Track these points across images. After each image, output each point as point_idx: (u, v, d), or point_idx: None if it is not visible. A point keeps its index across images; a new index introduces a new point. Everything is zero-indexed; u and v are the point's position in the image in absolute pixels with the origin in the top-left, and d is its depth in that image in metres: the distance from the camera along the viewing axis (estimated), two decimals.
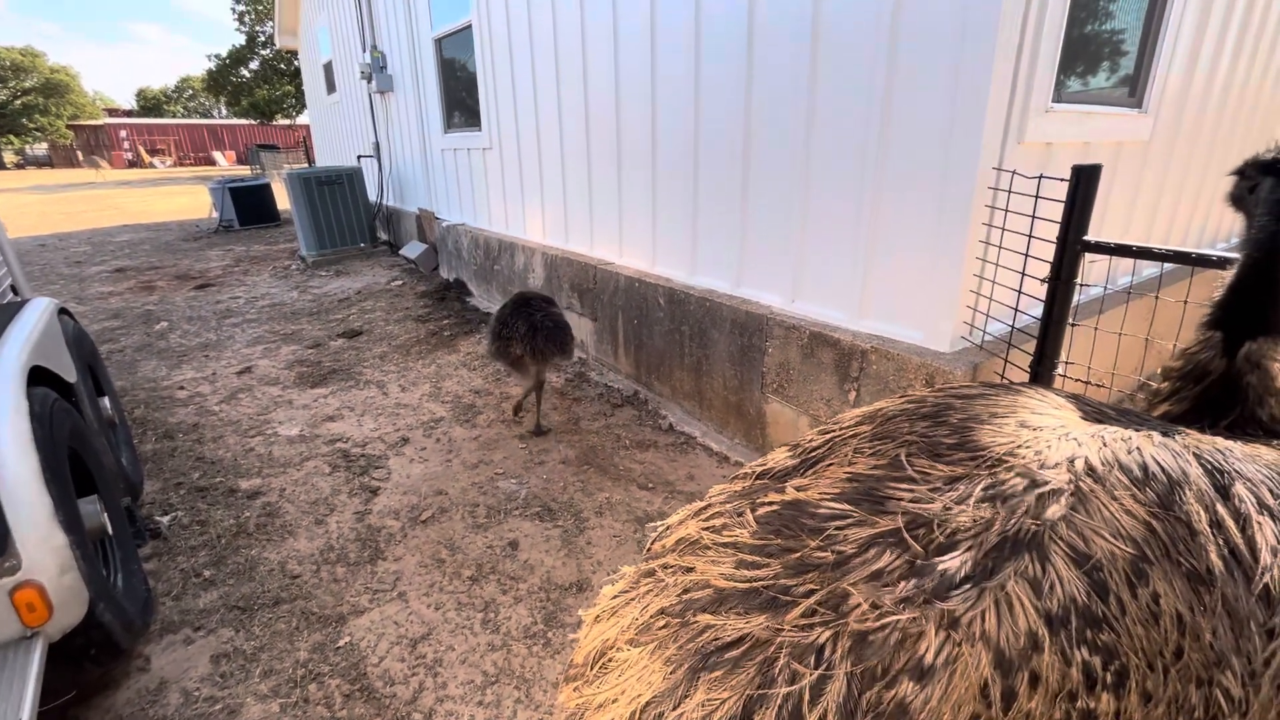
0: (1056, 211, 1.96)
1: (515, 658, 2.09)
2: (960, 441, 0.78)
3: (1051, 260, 1.99)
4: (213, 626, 2.26)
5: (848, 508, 0.74)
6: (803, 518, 0.75)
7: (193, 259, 9.18)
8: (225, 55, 33.36)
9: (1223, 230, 4.62)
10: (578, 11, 4.07)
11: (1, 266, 2.98)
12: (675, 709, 0.67)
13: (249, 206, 11.96)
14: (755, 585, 0.70)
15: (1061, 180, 1.94)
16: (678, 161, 3.53)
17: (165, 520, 2.85)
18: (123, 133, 45.77)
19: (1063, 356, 2.07)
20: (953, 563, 0.65)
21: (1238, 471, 0.76)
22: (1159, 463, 0.73)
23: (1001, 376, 2.32)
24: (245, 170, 30.40)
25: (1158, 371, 1.33)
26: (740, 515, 0.80)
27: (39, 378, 2.06)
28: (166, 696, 1.99)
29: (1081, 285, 2.01)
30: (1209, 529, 0.68)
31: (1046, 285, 2.02)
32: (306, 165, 18.92)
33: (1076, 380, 2.13)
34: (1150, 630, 0.61)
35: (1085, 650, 0.61)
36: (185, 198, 19.05)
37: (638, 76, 3.68)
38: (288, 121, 38.99)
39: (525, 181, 5.31)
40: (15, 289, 3.08)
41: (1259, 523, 0.71)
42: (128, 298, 6.97)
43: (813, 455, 0.88)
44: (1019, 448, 0.75)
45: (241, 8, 32.19)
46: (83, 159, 40.90)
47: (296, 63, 18.65)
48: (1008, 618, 0.61)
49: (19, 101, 46.78)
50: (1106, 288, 2.87)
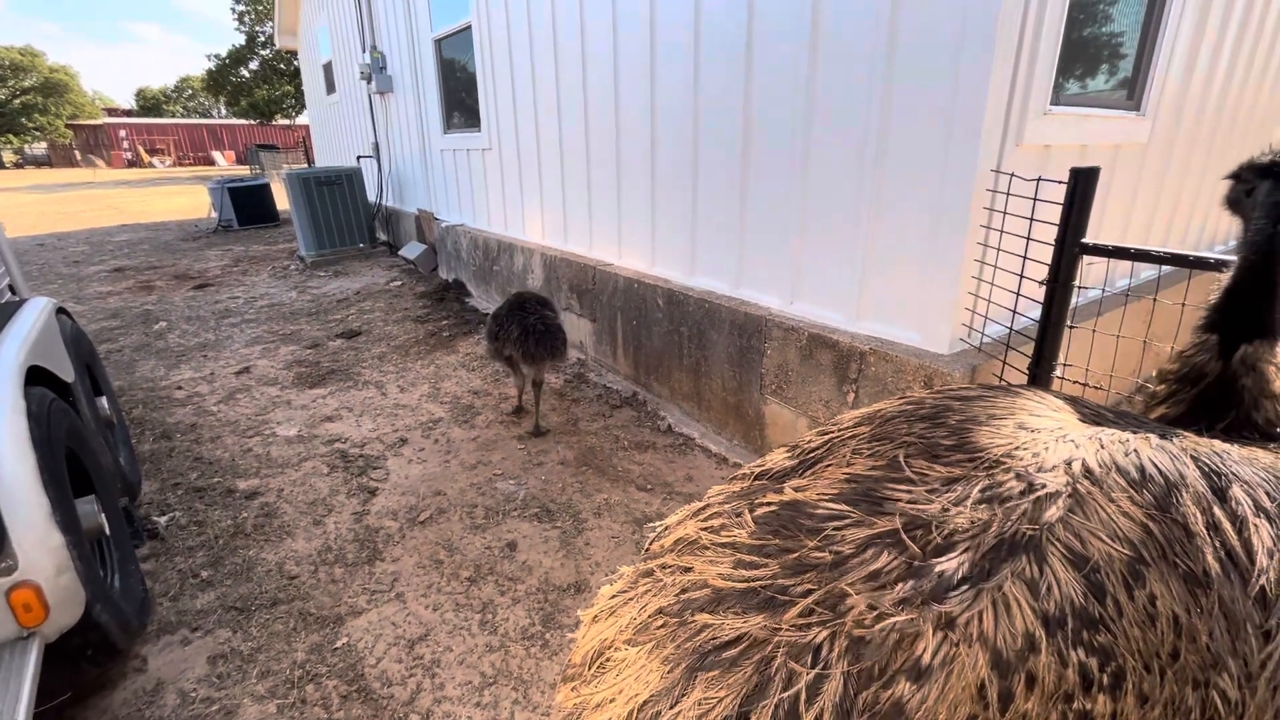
0: (1055, 214, 1.96)
1: (513, 659, 2.09)
2: (958, 443, 0.78)
3: (1049, 262, 2.00)
4: (210, 627, 2.26)
5: (846, 508, 0.74)
6: (801, 518, 0.75)
7: (191, 259, 9.18)
8: (225, 55, 33.38)
9: (1220, 233, 4.63)
10: (577, 13, 4.08)
11: None
12: (672, 708, 0.67)
13: (248, 206, 11.96)
14: (753, 585, 0.70)
15: (1060, 183, 1.95)
16: (677, 162, 3.54)
17: (163, 520, 2.84)
18: (122, 132, 45.70)
19: (1061, 358, 2.07)
20: (950, 564, 0.65)
21: (1235, 474, 0.76)
22: (1156, 465, 0.73)
23: (1000, 378, 2.33)
24: (244, 170, 30.38)
25: (1154, 374, 1.33)
26: (738, 516, 0.80)
27: (36, 377, 2.06)
28: (163, 697, 1.99)
29: (1079, 287, 2.01)
30: (1206, 531, 0.68)
31: (1045, 287, 2.03)
32: (306, 165, 18.91)
33: (1074, 382, 2.13)
34: (1147, 632, 0.62)
35: (1082, 651, 0.61)
36: (184, 197, 19.04)
37: (637, 77, 3.68)
38: (287, 122, 39.01)
39: (524, 182, 5.31)
40: (13, 288, 3.07)
41: (1255, 525, 0.71)
42: (126, 297, 6.96)
43: (811, 456, 0.88)
44: (1017, 449, 0.75)
45: (241, 8, 32.21)
46: (80, 158, 40.87)
47: (296, 63, 18.65)
48: (1005, 619, 0.61)
49: (18, 101, 46.74)
50: (1104, 290, 2.88)
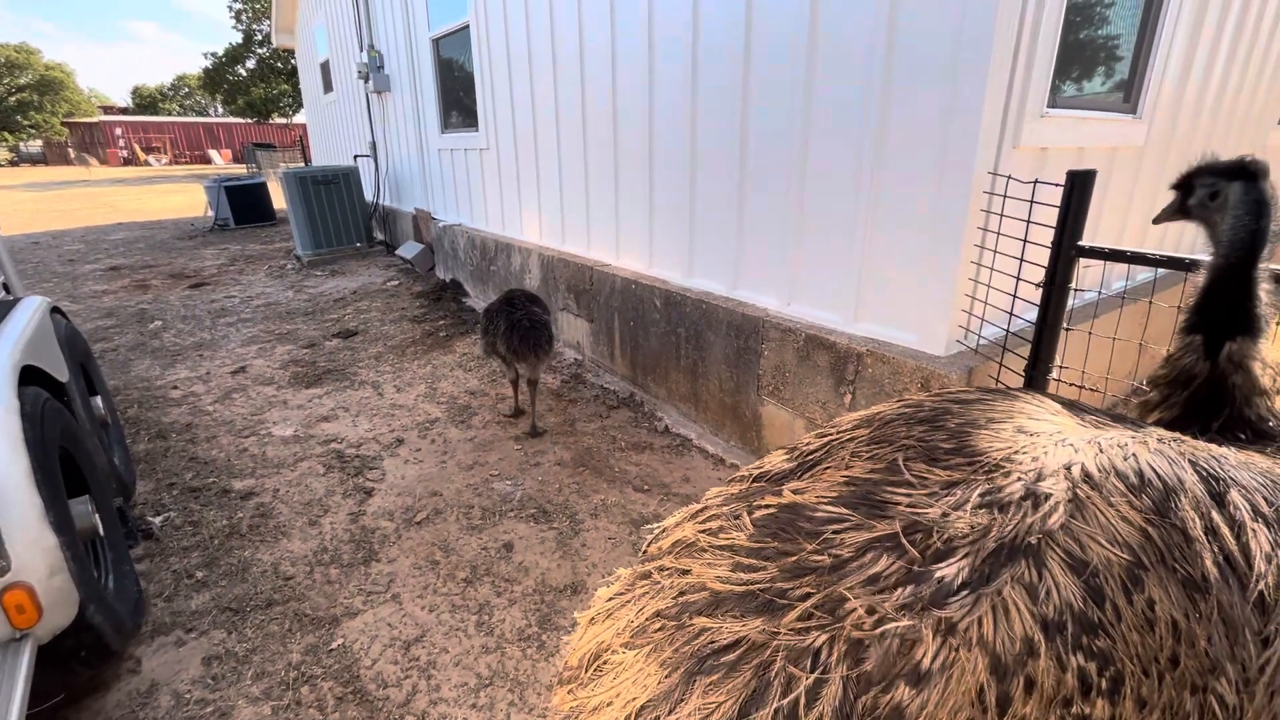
0: (1051, 216, 1.97)
1: (509, 660, 2.08)
2: (957, 446, 0.77)
3: (1046, 265, 2.00)
4: (205, 628, 2.24)
5: (845, 511, 0.73)
6: (800, 521, 0.75)
7: (187, 258, 9.15)
8: (222, 53, 33.27)
9: None
10: (575, 13, 4.07)
11: None
12: (670, 713, 0.67)
13: (245, 205, 11.92)
14: (751, 588, 0.70)
15: (1056, 185, 1.95)
16: (675, 162, 3.53)
17: (157, 521, 2.83)
18: (118, 130, 45.51)
19: (1057, 361, 2.07)
20: (950, 569, 0.64)
21: (1233, 479, 0.77)
22: (1155, 469, 0.73)
23: (996, 380, 2.33)
24: (241, 169, 30.31)
25: (1144, 382, 1.34)
26: (737, 518, 0.80)
27: (30, 377, 2.05)
28: (157, 699, 1.98)
29: (1076, 290, 2.01)
30: (1204, 536, 0.68)
31: (1041, 289, 2.03)
32: (303, 164, 18.86)
33: (1071, 384, 2.14)
34: (1146, 637, 0.61)
35: (1081, 656, 0.61)
36: (180, 196, 18.98)
37: (635, 78, 3.68)
38: (284, 120, 38.91)
39: (522, 182, 5.30)
40: (7, 287, 3.06)
41: (1254, 530, 0.71)
42: (121, 296, 6.93)
43: (810, 459, 0.88)
44: (1016, 453, 0.75)
45: (238, 6, 32.11)
46: (74, 157, 40.71)
47: (293, 61, 18.61)
48: (1004, 623, 0.61)
49: (13, 98, 46.59)
50: (1101, 292, 2.88)
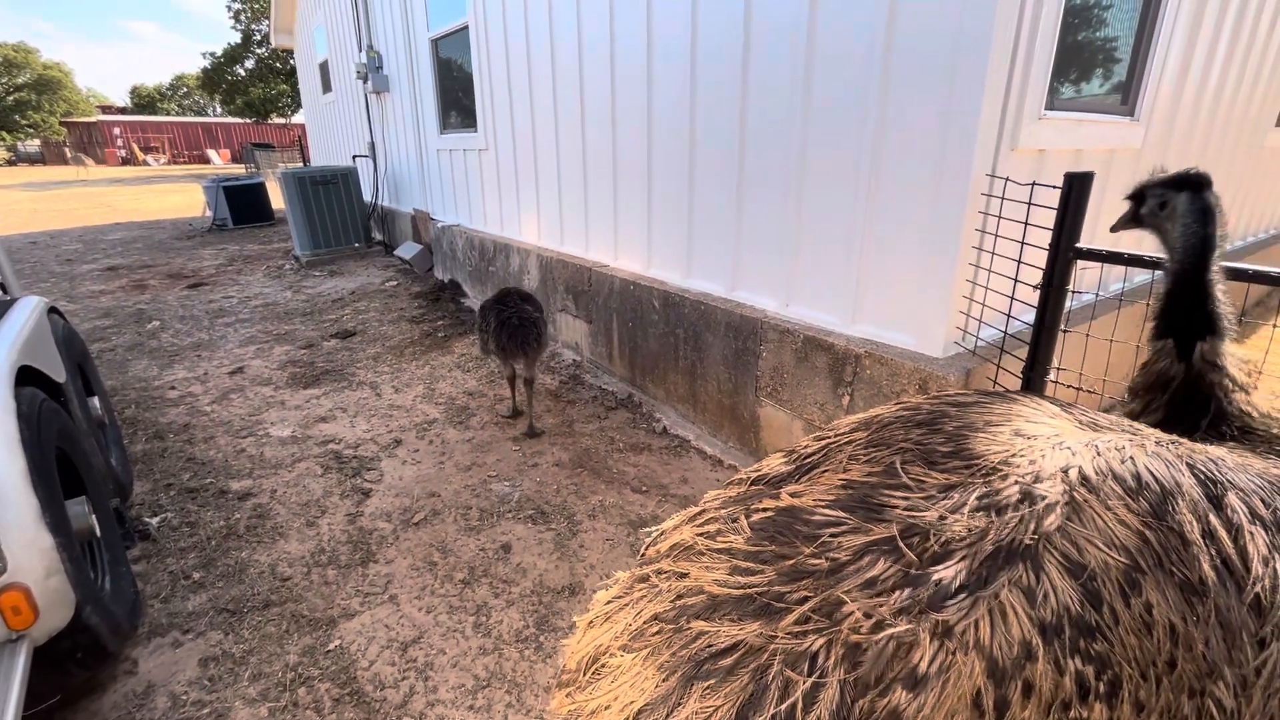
0: (1049, 218, 1.97)
1: (507, 661, 2.08)
2: (955, 449, 0.77)
3: (1044, 267, 2.00)
4: (201, 629, 2.24)
5: (842, 515, 0.73)
6: (797, 524, 0.75)
7: (186, 258, 9.13)
8: (220, 53, 33.26)
9: None
10: (574, 14, 4.08)
11: None
12: (668, 717, 0.67)
13: (243, 205, 11.90)
14: (749, 592, 0.70)
15: (1054, 188, 1.95)
16: (673, 163, 3.54)
17: (154, 522, 2.82)
18: (116, 130, 45.42)
19: (1055, 363, 2.07)
20: (947, 572, 0.64)
21: (1230, 481, 0.77)
22: (1152, 472, 0.73)
23: (994, 382, 2.33)
24: (240, 169, 30.25)
25: (1124, 394, 1.37)
26: (735, 521, 0.80)
27: (27, 377, 2.04)
28: (154, 700, 1.97)
29: (1074, 292, 2.01)
30: (1201, 539, 0.68)
31: (1039, 291, 2.03)
32: (301, 164, 18.85)
33: (1068, 386, 2.14)
34: (1143, 640, 0.61)
35: (1079, 660, 0.61)
36: (179, 196, 18.95)
37: (634, 80, 3.68)
38: (283, 120, 38.91)
39: (521, 183, 5.30)
40: (4, 287, 3.05)
41: (1251, 533, 0.71)
42: (119, 296, 6.92)
43: (808, 461, 0.87)
44: (1013, 456, 0.75)
45: (237, 6, 32.11)
46: (69, 156, 40.60)
47: (292, 61, 18.60)
48: (1001, 627, 0.61)
49: (11, 98, 46.54)
50: (1098, 294, 2.88)
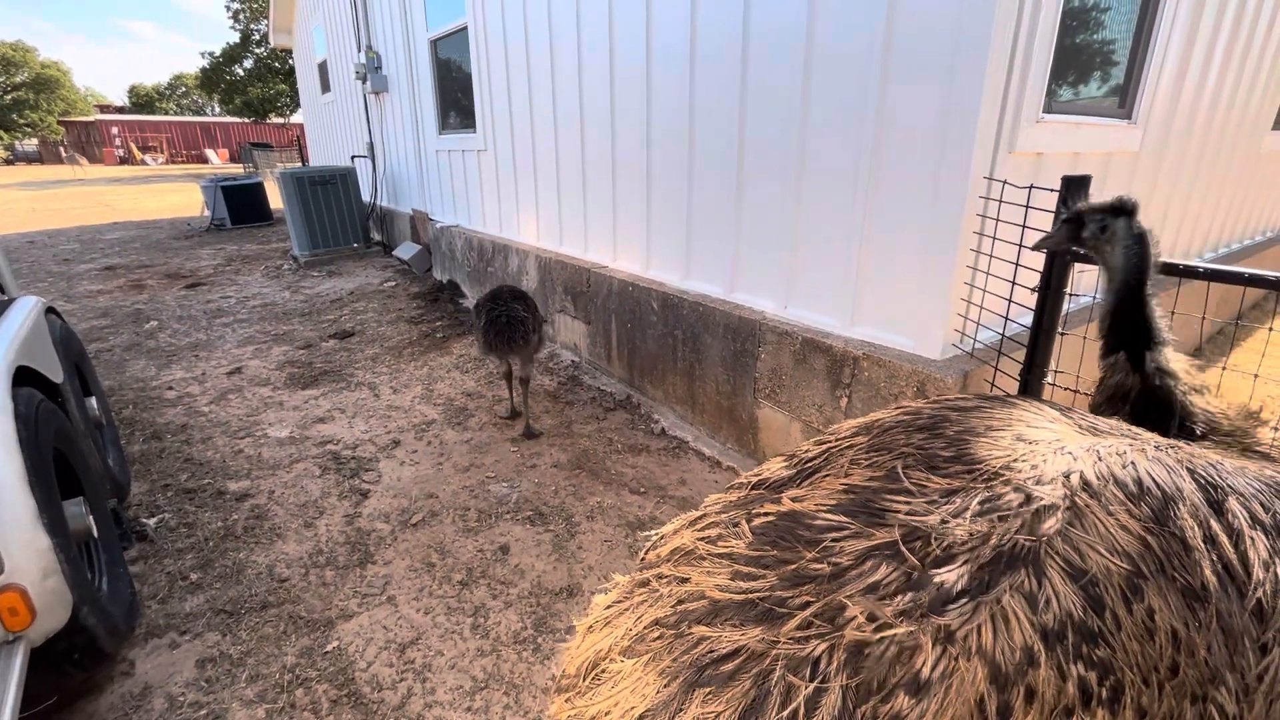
0: (1047, 221, 1.96)
1: (504, 663, 2.08)
2: (957, 454, 0.77)
3: (1041, 270, 2.00)
4: (199, 630, 2.23)
5: (844, 519, 0.73)
6: (799, 529, 0.75)
7: (183, 258, 9.11)
8: (219, 53, 33.20)
9: (1210, 241, 4.67)
10: (573, 14, 4.08)
11: None
12: None
13: (241, 205, 11.88)
14: (751, 597, 0.70)
15: (1052, 191, 1.96)
16: (672, 165, 3.54)
17: (152, 522, 2.81)
18: (114, 129, 45.31)
19: (1052, 365, 2.08)
20: (949, 576, 0.64)
21: (1230, 486, 0.77)
22: (1153, 478, 0.73)
23: (992, 384, 2.33)
24: (238, 169, 30.18)
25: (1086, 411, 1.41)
26: (736, 526, 0.79)
27: (24, 378, 2.04)
28: (150, 702, 1.96)
29: (1071, 294, 2.02)
30: (1203, 544, 0.68)
31: (1036, 294, 2.03)
32: (300, 164, 18.83)
33: (1065, 389, 2.14)
34: (1146, 646, 0.61)
35: (1081, 665, 0.61)
36: (177, 195, 18.91)
37: (633, 79, 3.68)
38: (281, 120, 38.84)
39: (519, 184, 5.30)
40: (2, 287, 3.04)
41: (1251, 538, 0.71)
42: (117, 296, 6.90)
43: (809, 466, 0.87)
44: (1015, 461, 0.75)
45: (236, 6, 32.04)
46: (64, 155, 40.47)
47: (291, 61, 18.59)
48: (1004, 632, 0.61)
49: (9, 97, 46.43)
50: (1095, 297, 2.87)
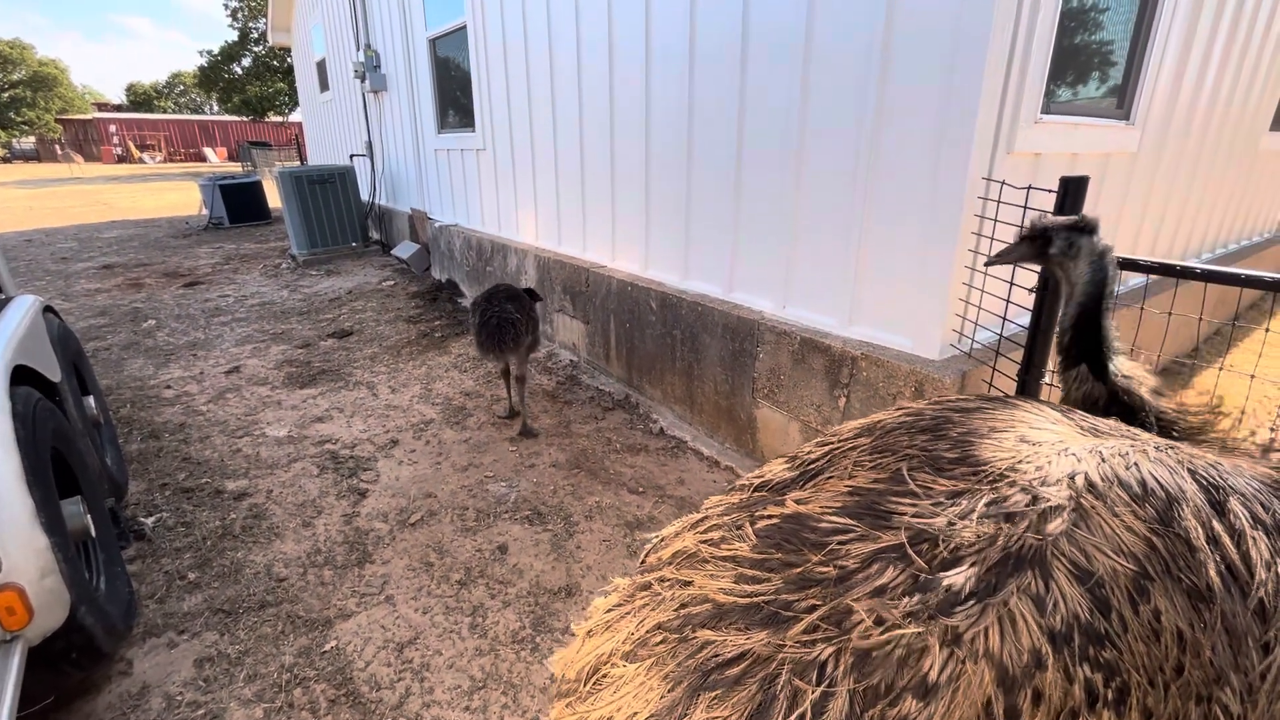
0: None
1: (503, 662, 2.07)
2: (961, 456, 0.77)
3: (1039, 270, 2.00)
4: (197, 630, 2.23)
5: (850, 522, 0.73)
6: (804, 532, 0.74)
7: (182, 256, 9.09)
8: (217, 51, 33.10)
9: (1207, 241, 4.68)
10: (572, 14, 4.07)
11: None
12: None
13: (240, 204, 11.86)
14: (756, 600, 0.70)
15: (1050, 191, 1.96)
16: (671, 164, 3.53)
17: (150, 522, 2.81)
18: (112, 127, 45.12)
19: (1050, 365, 2.08)
20: (957, 578, 0.64)
21: (1231, 486, 0.77)
22: (1157, 479, 0.73)
23: (990, 385, 2.33)
24: (236, 167, 30.09)
25: None
26: (739, 528, 0.79)
27: (22, 377, 2.03)
28: (148, 701, 1.96)
29: None
30: (1207, 545, 0.68)
31: (1034, 295, 2.03)
32: (298, 163, 18.80)
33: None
34: (1152, 647, 0.61)
35: (1088, 667, 0.61)
36: (175, 194, 18.87)
37: (632, 79, 3.68)
38: (280, 119, 38.73)
39: (518, 183, 5.29)
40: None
41: (1254, 538, 0.71)
42: (115, 295, 6.88)
43: (811, 468, 0.87)
44: (1020, 463, 0.75)
45: (234, 3, 31.93)
46: (60, 154, 40.34)
47: (289, 60, 18.55)
48: (1011, 635, 0.61)
49: (6, 94, 46.24)
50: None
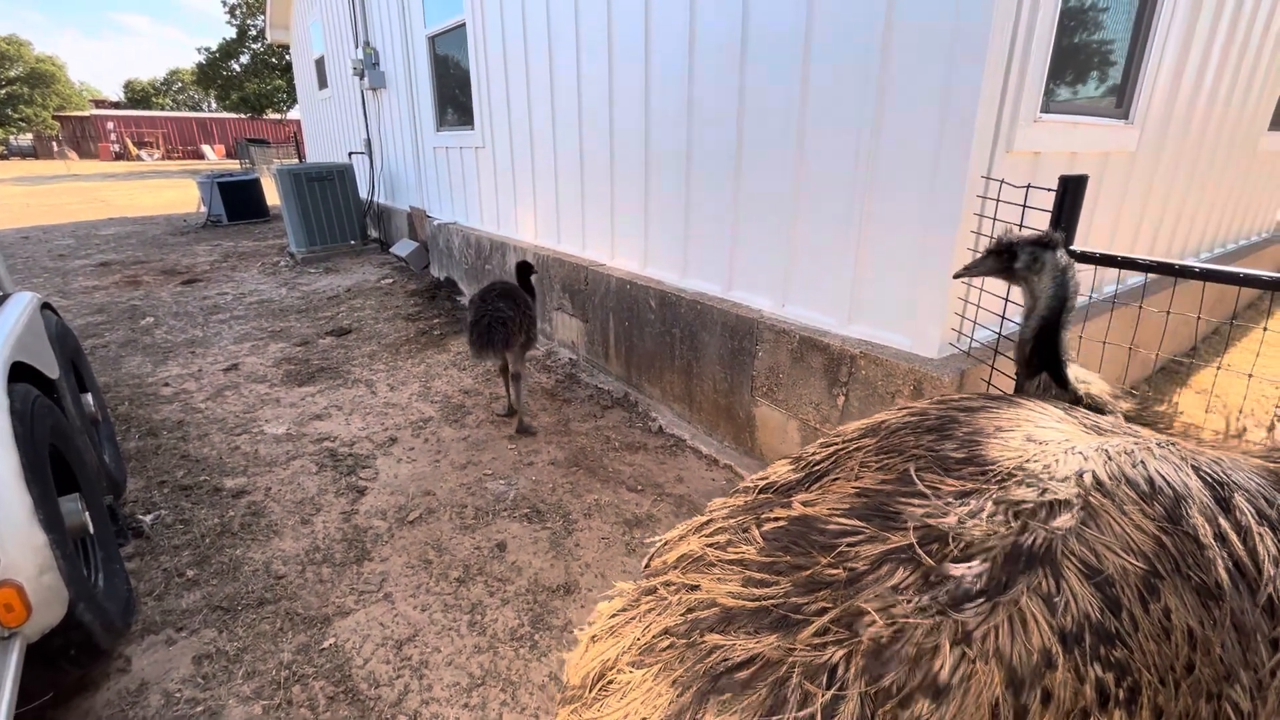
0: (1044, 221, 1.96)
1: (502, 660, 2.07)
2: (969, 455, 0.77)
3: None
4: (195, 627, 2.22)
5: (858, 524, 0.73)
6: (812, 534, 0.74)
7: (180, 254, 9.06)
8: (215, 48, 33.00)
9: (1206, 241, 4.68)
10: (572, 13, 4.06)
11: None
12: None
13: (238, 201, 11.82)
14: (765, 604, 0.69)
15: (1049, 190, 1.95)
16: (670, 162, 3.53)
17: (148, 519, 2.80)
18: (110, 124, 44.89)
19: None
20: (967, 575, 0.63)
21: (1235, 483, 0.76)
22: (1163, 476, 0.72)
23: (988, 383, 2.33)
24: (234, 165, 30.01)
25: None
26: (746, 531, 0.78)
27: (20, 374, 2.02)
28: (147, 698, 1.95)
29: None
30: (1215, 543, 0.67)
31: None
32: (297, 161, 18.75)
33: None
34: (1162, 645, 0.61)
35: (1098, 667, 0.60)
36: (173, 191, 18.82)
37: (632, 77, 3.67)
38: (278, 116, 38.65)
39: (518, 181, 5.28)
40: None
41: (1260, 534, 0.71)
42: (113, 292, 6.86)
43: (817, 469, 0.86)
44: (1028, 462, 0.75)
45: (233, 0, 31.85)
46: (56, 150, 40.21)
47: (288, 57, 18.50)
48: (1021, 635, 0.60)
49: (3, 91, 46.02)
50: (1091, 296, 2.89)
